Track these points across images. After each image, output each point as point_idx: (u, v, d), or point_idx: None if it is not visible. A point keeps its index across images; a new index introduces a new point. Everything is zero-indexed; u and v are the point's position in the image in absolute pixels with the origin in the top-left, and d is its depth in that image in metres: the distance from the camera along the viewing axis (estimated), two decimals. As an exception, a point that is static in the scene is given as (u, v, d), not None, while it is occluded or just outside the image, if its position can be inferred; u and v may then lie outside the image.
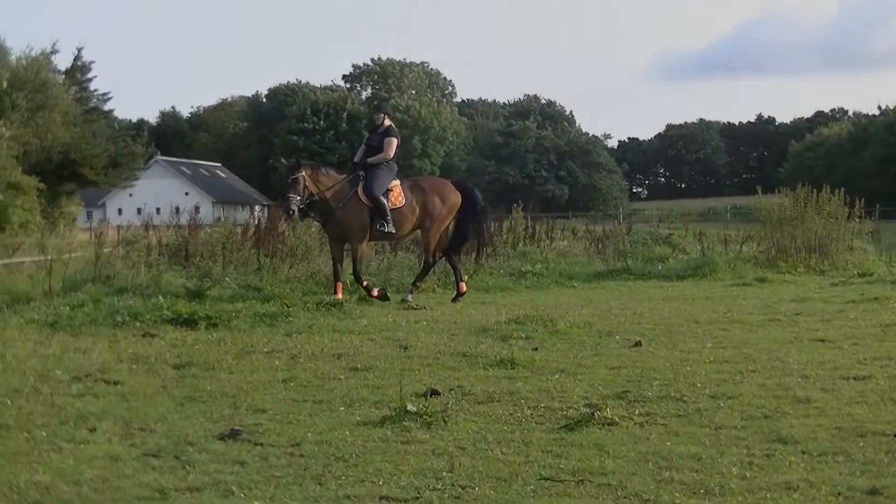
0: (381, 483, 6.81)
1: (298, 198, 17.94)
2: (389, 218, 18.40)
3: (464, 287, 19.30)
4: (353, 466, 7.20)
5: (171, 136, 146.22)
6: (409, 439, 7.93)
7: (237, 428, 8.27)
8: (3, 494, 6.61)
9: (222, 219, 33.92)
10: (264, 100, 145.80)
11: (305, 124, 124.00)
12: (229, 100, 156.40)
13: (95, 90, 59.09)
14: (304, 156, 42.00)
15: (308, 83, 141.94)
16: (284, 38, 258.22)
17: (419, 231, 19.75)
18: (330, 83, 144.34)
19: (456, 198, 19.46)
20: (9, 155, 39.64)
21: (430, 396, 9.37)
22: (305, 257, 22.30)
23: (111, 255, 21.78)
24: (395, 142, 18.91)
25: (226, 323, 14.60)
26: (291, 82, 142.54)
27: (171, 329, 14.22)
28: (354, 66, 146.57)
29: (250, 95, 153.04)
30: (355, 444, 7.78)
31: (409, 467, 7.16)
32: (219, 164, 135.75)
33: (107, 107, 62.15)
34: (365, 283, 18.31)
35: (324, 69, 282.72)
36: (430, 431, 8.17)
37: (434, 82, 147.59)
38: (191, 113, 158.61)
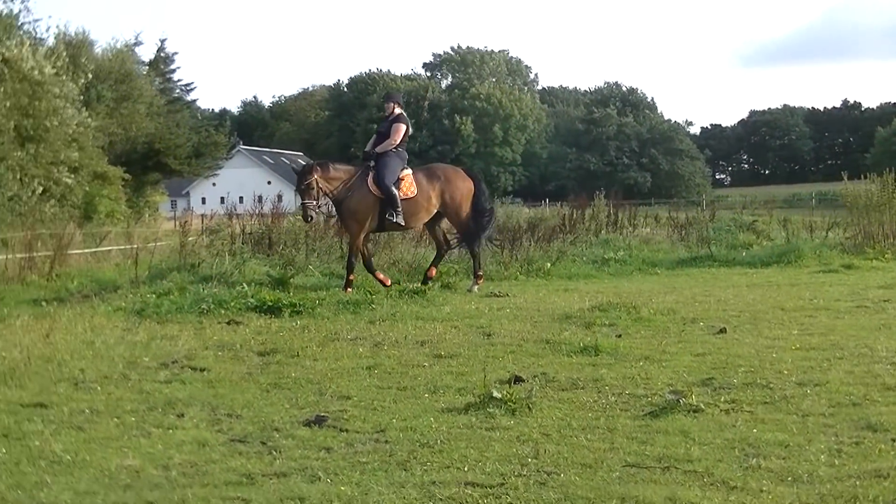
0: (466, 469, 6.82)
1: (314, 202, 17.80)
2: (400, 209, 18.01)
3: (482, 280, 18.74)
4: (438, 453, 7.22)
5: (254, 126, 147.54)
6: (493, 426, 7.94)
7: (323, 414, 8.34)
8: (95, 478, 6.72)
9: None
10: (345, 89, 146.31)
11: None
12: (310, 89, 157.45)
13: (179, 81, 59.94)
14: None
15: (389, 72, 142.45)
16: (365, 27, 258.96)
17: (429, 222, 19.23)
18: (410, 72, 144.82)
19: (469, 184, 19.06)
20: (95, 145, 40.08)
21: (515, 383, 9.36)
22: (388, 245, 22.35)
23: (195, 243, 22.00)
24: (402, 128, 18.53)
25: (310, 310, 14.68)
26: (372, 71, 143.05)
27: (255, 316, 14.35)
28: (434, 55, 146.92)
29: (331, 84, 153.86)
30: (440, 431, 7.81)
31: (494, 454, 7.17)
32: (300, 153, 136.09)
33: (190, 97, 62.96)
34: (351, 278, 17.72)
35: (404, 57, 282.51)
36: (515, 418, 8.17)
37: (515, 70, 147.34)
38: (272, 102, 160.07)
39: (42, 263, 20.31)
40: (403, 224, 18.34)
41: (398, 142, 18.35)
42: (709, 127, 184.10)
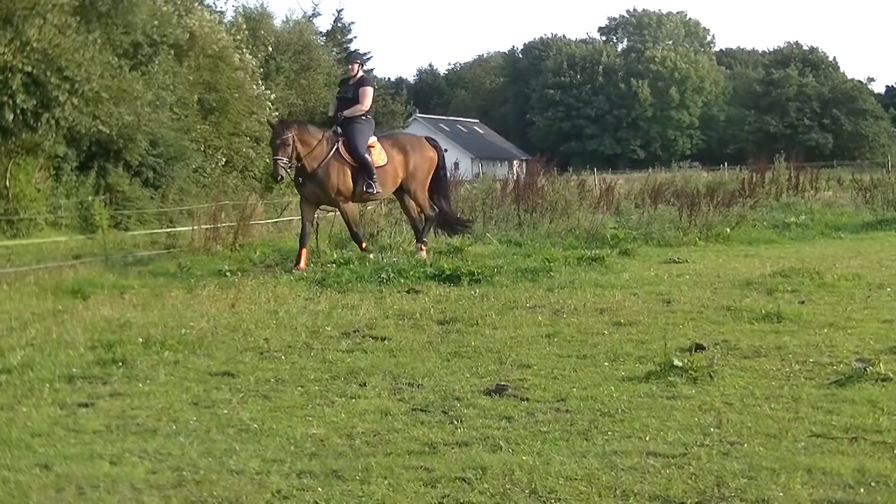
0: (647, 439, 6.79)
1: (286, 160, 16.78)
2: (376, 177, 17.22)
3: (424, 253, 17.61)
4: (619, 422, 7.20)
5: (429, 94, 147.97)
6: (674, 395, 7.89)
7: (503, 383, 8.37)
8: (282, 446, 6.87)
9: (481, 175, 34.23)
10: (520, 55, 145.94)
11: (562, 78, 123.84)
12: (485, 56, 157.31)
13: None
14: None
15: (564, 36, 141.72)
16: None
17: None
18: (585, 36, 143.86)
19: (433, 154, 18.43)
20: (274, 116, 40.91)
21: (696, 351, 9.28)
22: (565, 212, 22.32)
23: (374, 212, 22.23)
24: (370, 91, 17.92)
25: (488, 279, 14.73)
26: (546, 36, 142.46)
27: (434, 285, 14.46)
28: (609, 18, 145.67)
29: (506, 51, 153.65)
30: (621, 400, 7.78)
31: (676, 423, 7.12)
32: (476, 121, 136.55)
33: (366, 67, 63.43)
34: (364, 245, 17.39)
35: (579, 22, 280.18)
36: (696, 387, 8.10)
37: (692, 32, 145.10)
38: (448, 70, 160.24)
39: (226, 234, 20.75)
40: (380, 192, 17.59)
41: (367, 107, 17.79)
42: (894, 85, 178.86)
